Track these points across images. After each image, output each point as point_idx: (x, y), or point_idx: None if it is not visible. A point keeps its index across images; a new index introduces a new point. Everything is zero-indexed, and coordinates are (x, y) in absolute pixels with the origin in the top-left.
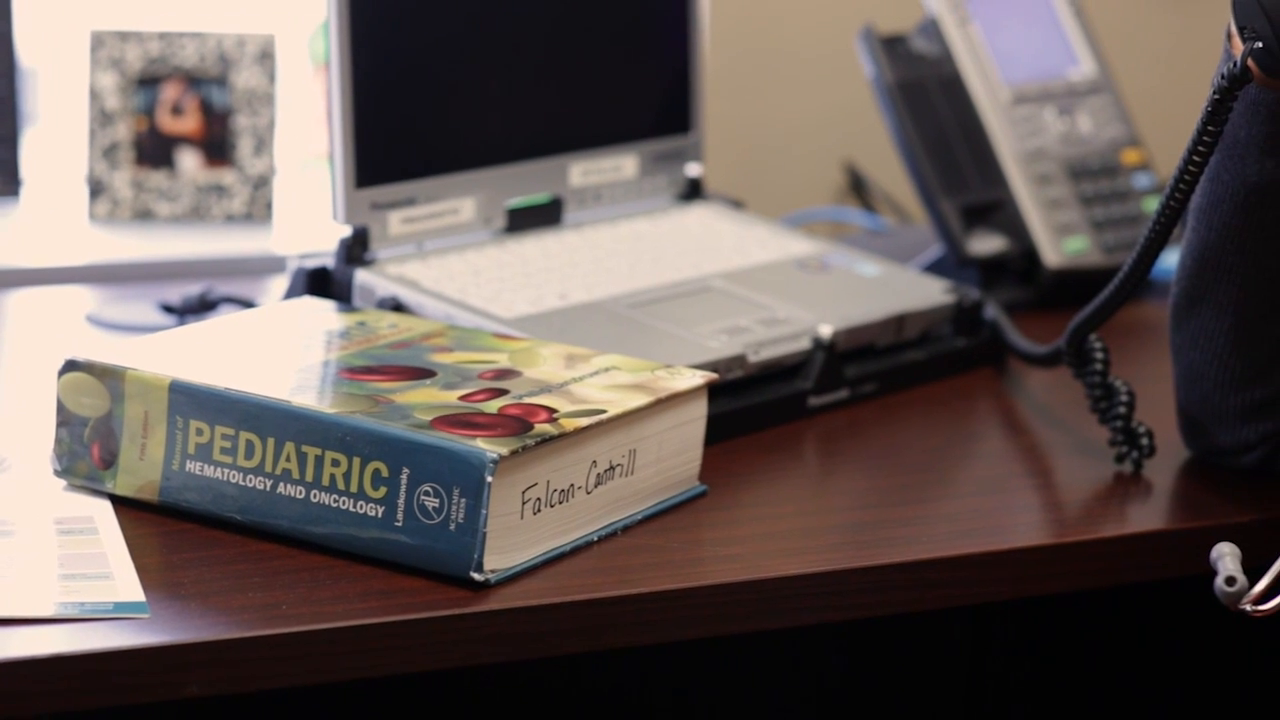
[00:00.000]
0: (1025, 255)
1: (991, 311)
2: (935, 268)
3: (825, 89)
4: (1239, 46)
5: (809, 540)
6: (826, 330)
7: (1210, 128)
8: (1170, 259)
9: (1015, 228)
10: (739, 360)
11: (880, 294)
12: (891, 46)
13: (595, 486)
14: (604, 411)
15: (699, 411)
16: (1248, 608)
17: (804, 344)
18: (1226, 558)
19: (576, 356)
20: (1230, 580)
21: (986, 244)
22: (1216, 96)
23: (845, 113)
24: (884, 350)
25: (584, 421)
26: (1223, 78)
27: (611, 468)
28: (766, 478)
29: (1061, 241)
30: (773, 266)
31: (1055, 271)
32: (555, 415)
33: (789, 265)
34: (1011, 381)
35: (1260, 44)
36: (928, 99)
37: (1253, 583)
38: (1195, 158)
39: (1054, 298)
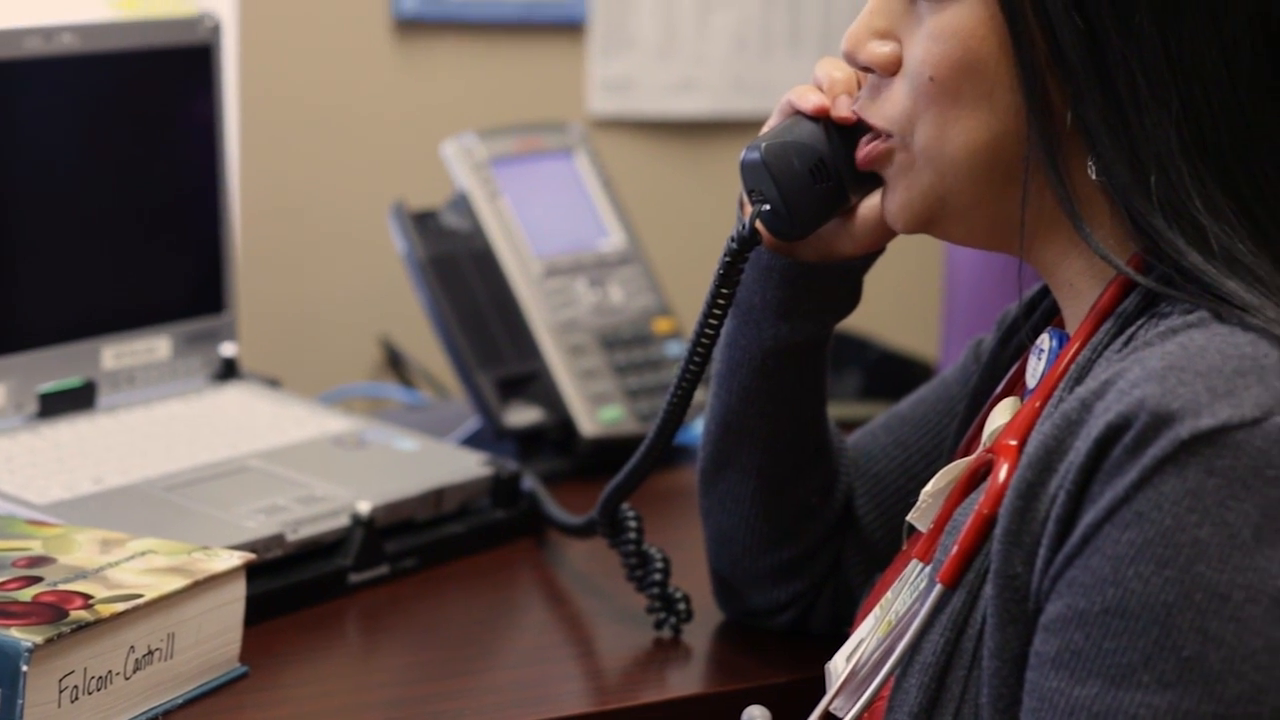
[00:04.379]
0: (562, 425)
1: (529, 483)
2: (473, 440)
3: (359, 265)
4: (749, 210)
5: (353, 718)
6: (365, 506)
7: (724, 290)
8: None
9: (551, 398)
10: (277, 539)
11: (418, 468)
12: (423, 222)
13: (134, 672)
14: (140, 596)
15: (238, 592)
16: None
17: (343, 521)
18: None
19: (112, 541)
20: None
21: (523, 415)
22: (727, 259)
23: (380, 289)
24: (424, 524)
25: (120, 607)
26: (732, 240)
27: (150, 652)
28: (309, 657)
29: (597, 411)
30: (310, 444)
31: (592, 441)
32: (91, 601)
33: (326, 443)
34: (552, 552)
35: (767, 206)
36: (460, 273)
37: None
38: (711, 322)
39: (592, 467)
